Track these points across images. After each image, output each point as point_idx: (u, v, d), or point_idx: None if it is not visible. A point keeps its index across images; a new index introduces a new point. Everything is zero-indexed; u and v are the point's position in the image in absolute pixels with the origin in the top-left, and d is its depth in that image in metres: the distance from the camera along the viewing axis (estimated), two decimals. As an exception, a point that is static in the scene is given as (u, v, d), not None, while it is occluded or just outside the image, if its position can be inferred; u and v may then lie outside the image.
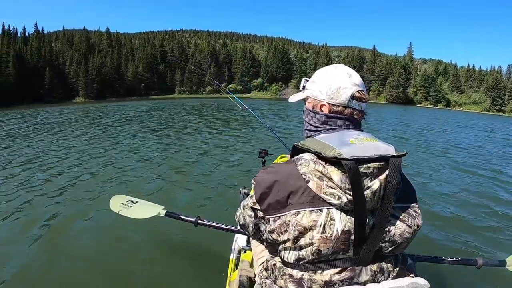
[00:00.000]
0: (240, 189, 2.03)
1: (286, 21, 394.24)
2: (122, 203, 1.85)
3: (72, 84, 53.48)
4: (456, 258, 1.47)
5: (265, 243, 0.87)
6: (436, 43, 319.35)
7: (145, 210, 1.79)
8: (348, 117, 0.83)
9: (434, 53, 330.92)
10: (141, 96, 53.94)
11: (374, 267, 0.75)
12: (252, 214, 0.82)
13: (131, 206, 1.82)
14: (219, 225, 1.60)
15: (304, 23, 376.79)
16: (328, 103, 0.83)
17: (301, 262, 0.74)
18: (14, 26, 59.22)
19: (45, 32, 63.56)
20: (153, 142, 8.17)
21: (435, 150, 8.51)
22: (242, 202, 0.89)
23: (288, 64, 64.25)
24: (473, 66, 63.50)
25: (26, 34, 59.12)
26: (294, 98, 0.98)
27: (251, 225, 0.85)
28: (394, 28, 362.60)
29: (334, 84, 0.83)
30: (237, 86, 62.00)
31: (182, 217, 1.66)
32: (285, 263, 0.78)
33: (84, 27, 66.24)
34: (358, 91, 0.82)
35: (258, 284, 0.94)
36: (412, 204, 0.79)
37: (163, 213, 1.71)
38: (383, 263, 0.77)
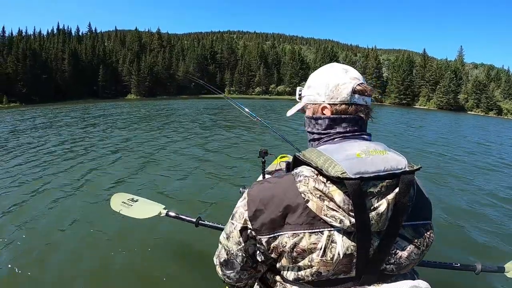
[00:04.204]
0: (240, 189, 1.92)
1: (333, 22, 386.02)
2: (122, 202, 1.90)
3: (125, 81, 54.14)
4: (455, 264, 1.51)
5: (262, 270, 0.78)
6: (488, 46, 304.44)
7: (146, 209, 1.86)
8: (354, 116, 0.74)
9: (486, 57, 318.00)
10: (191, 95, 54.09)
11: (379, 287, 0.70)
12: (241, 239, 0.71)
13: (131, 205, 1.88)
14: (220, 225, 1.67)
15: (352, 24, 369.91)
16: (329, 104, 0.75)
17: (300, 281, 0.69)
18: (68, 26, 61.01)
19: (98, 31, 65.31)
20: (156, 142, 8.23)
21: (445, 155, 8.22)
22: (222, 235, 0.77)
23: (337, 67, 63.82)
24: (527, 73, 61.89)
25: (80, 34, 60.83)
26: (291, 111, 0.87)
27: (240, 254, 0.73)
28: (444, 31, 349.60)
29: (331, 82, 0.75)
30: (286, 88, 61.75)
31: (183, 217, 1.74)
32: (284, 279, 0.73)
33: (136, 27, 67.46)
34: (358, 84, 0.74)
35: (257, 285, 0.88)
36: (424, 222, 0.71)
37: (164, 213, 1.79)
38: (390, 283, 0.70)
